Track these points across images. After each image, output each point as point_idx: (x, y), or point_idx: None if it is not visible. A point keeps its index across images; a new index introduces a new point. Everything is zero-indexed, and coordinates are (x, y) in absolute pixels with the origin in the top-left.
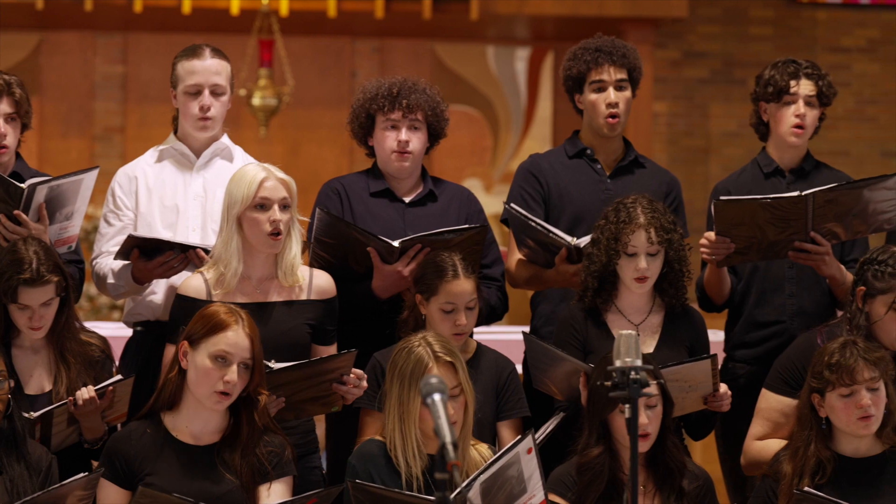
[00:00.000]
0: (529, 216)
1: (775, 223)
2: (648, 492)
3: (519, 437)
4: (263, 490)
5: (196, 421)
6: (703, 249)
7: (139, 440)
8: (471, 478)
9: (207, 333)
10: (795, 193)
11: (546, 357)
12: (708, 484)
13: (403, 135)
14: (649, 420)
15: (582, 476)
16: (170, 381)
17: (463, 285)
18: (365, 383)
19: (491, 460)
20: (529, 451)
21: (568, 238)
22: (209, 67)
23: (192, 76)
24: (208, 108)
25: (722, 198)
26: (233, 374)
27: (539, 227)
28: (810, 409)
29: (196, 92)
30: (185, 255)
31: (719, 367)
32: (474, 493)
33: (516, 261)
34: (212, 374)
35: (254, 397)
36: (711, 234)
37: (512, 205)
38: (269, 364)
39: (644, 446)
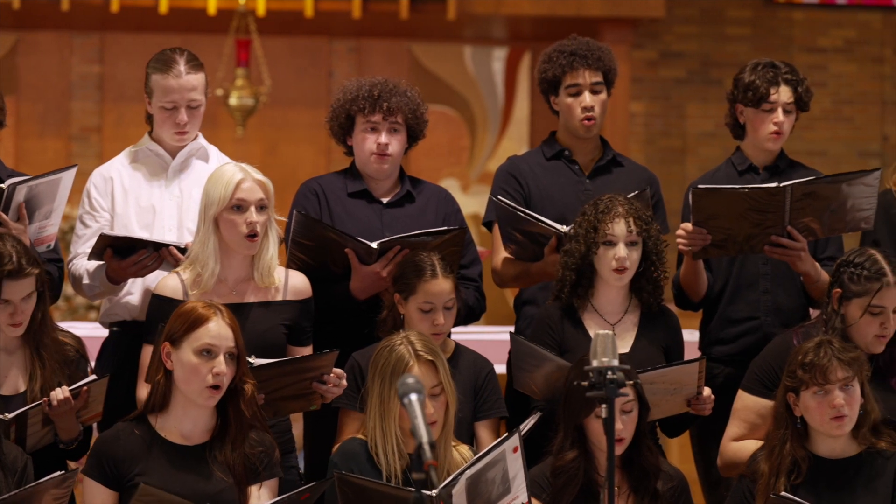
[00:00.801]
0: (519, 207)
1: (752, 215)
2: (623, 493)
3: (506, 434)
4: (254, 490)
5: (185, 421)
6: (679, 241)
7: (127, 441)
8: (456, 473)
9: (188, 330)
10: (774, 184)
11: (532, 358)
12: (682, 484)
13: (383, 137)
14: (624, 425)
15: (556, 479)
16: (157, 385)
17: (441, 285)
18: (345, 382)
19: (477, 456)
20: (515, 449)
21: (559, 226)
22: (185, 84)
23: (168, 94)
24: (185, 124)
25: (700, 186)
26: (221, 364)
27: (530, 218)
28: (786, 408)
29: (172, 108)
30: (159, 254)
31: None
32: (459, 490)
33: (502, 259)
34: (199, 368)
35: (240, 388)
36: (689, 225)
37: (500, 197)
38: (250, 360)
39: (618, 450)
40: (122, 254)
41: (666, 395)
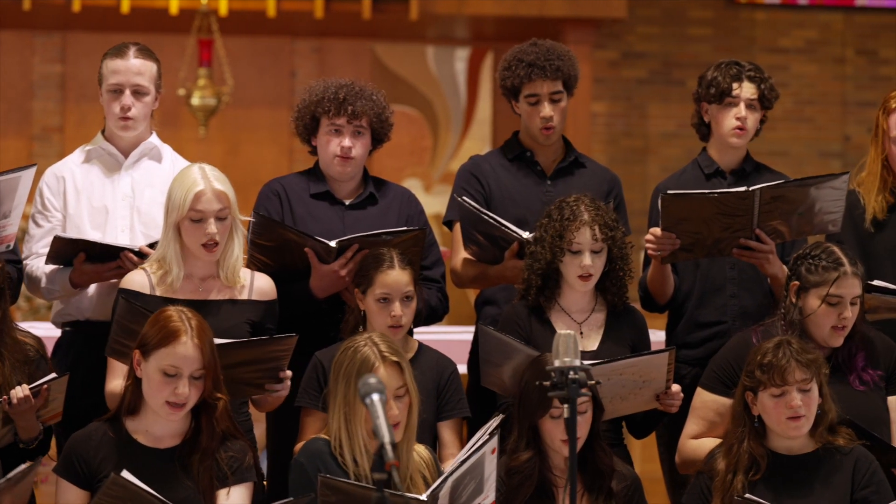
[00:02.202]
0: (482, 209)
1: (721, 219)
2: (577, 493)
3: (486, 436)
4: (222, 494)
5: (156, 425)
6: (648, 245)
7: (99, 442)
8: (443, 476)
9: (158, 344)
10: (743, 188)
11: (501, 350)
12: (636, 484)
13: (347, 141)
14: (578, 425)
15: (511, 479)
16: (128, 389)
17: (398, 275)
18: (288, 382)
19: (461, 458)
20: (494, 451)
21: (521, 231)
22: (131, 67)
23: (114, 75)
24: (128, 109)
25: (669, 191)
26: (183, 387)
27: (492, 221)
28: (744, 406)
29: (117, 91)
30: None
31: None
32: (445, 492)
33: (462, 260)
34: (162, 387)
35: (211, 402)
36: (657, 230)
37: (465, 198)
38: None
39: None
40: (93, 259)
41: (635, 388)
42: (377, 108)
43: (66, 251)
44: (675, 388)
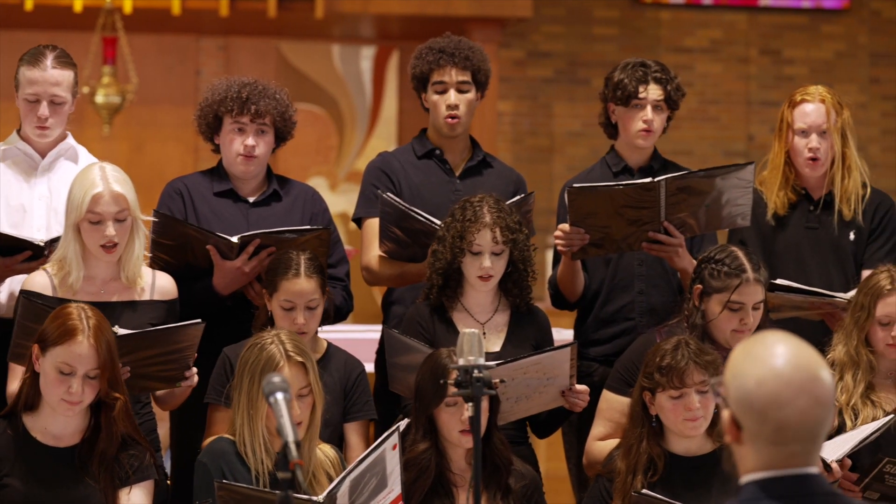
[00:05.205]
0: (404, 203)
1: (628, 212)
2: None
3: (386, 434)
4: (123, 494)
5: (54, 423)
6: (557, 241)
7: None
8: (341, 476)
9: (55, 342)
10: (648, 179)
11: (405, 353)
12: (535, 483)
13: (250, 140)
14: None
15: (408, 472)
16: (25, 382)
17: (302, 284)
18: (195, 376)
19: (360, 458)
20: (395, 447)
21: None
22: (48, 78)
23: (31, 85)
24: (46, 119)
25: (575, 185)
26: (76, 385)
27: (416, 215)
28: (642, 406)
29: (35, 101)
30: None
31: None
32: (343, 492)
33: (377, 258)
34: (57, 384)
35: (108, 402)
36: (566, 226)
37: (388, 195)
38: (115, 329)
39: (469, 442)
40: (2, 252)
41: (540, 386)
42: (280, 106)
43: None
44: (581, 387)
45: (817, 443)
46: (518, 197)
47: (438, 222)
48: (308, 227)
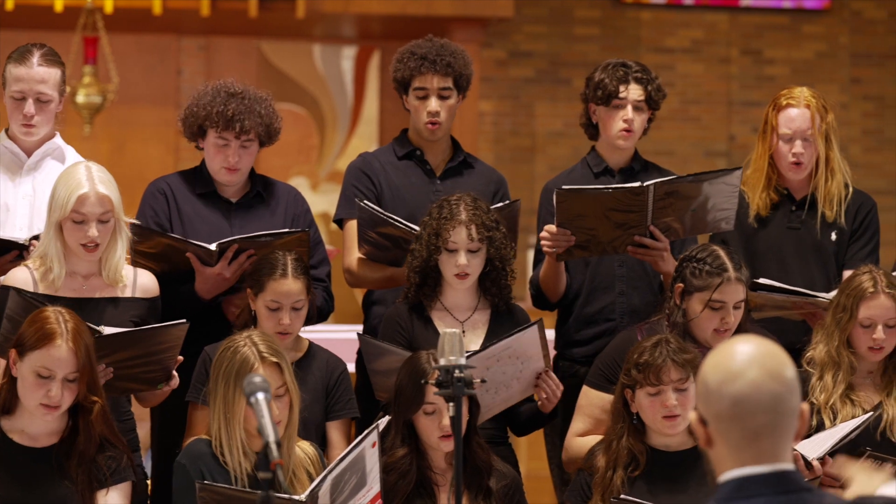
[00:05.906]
0: (381, 210)
1: (615, 215)
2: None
3: (366, 431)
4: (101, 496)
5: (32, 425)
6: (543, 242)
7: None
8: (322, 475)
9: (33, 346)
10: (637, 184)
11: (382, 357)
12: (516, 483)
13: (233, 157)
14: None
15: (388, 475)
16: (3, 388)
17: (289, 285)
18: (177, 378)
19: (340, 456)
20: (374, 444)
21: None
22: (34, 76)
23: (18, 83)
24: (31, 117)
25: (564, 187)
26: (56, 389)
27: (391, 221)
28: (623, 403)
29: (21, 98)
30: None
31: (551, 361)
32: (324, 490)
33: (359, 260)
34: (35, 388)
35: (86, 406)
36: (552, 227)
37: (365, 202)
38: (100, 329)
39: (448, 446)
40: None
41: (516, 372)
42: (266, 120)
43: None
44: (555, 382)
45: (786, 436)
46: (501, 203)
47: (417, 228)
48: (286, 230)
